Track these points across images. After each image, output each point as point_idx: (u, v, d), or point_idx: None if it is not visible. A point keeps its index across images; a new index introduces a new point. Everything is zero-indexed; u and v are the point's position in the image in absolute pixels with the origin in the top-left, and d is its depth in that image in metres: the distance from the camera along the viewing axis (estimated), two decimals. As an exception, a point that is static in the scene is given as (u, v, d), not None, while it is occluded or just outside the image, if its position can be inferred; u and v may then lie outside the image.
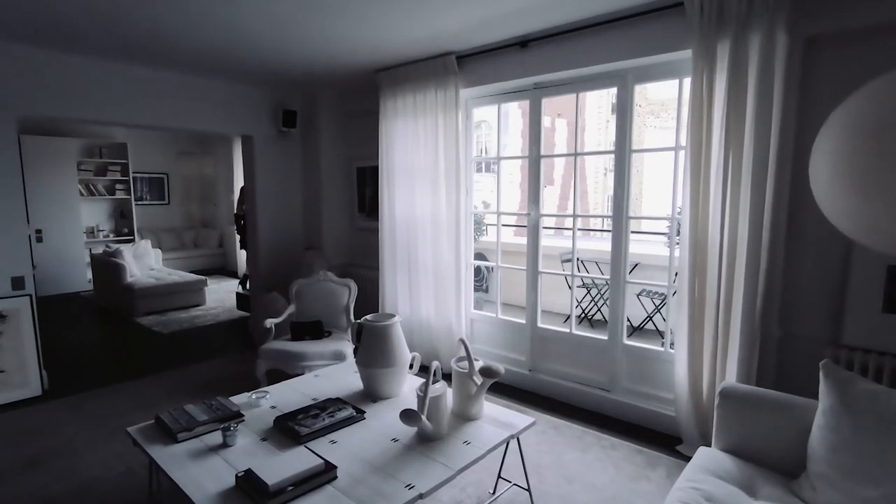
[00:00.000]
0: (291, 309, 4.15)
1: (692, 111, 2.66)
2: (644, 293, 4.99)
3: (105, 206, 8.33)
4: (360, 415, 2.35)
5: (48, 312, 6.37)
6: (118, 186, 8.22)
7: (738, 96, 2.51)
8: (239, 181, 8.42)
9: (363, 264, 5.14)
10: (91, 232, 8.08)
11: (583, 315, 5.51)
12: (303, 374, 3.63)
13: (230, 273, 9.01)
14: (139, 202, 8.70)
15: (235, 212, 7.33)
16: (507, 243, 6.52)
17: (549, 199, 27.66)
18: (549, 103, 3.55)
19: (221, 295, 7.20)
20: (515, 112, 23.32)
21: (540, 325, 3.73)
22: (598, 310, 5.34)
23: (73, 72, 3.77)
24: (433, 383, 2.16)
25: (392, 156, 4.27)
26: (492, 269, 5.07)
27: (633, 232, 3.35)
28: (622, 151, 3.18)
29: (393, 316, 2.70)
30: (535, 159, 3.59)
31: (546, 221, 3.77)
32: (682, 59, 2.85)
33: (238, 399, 2.58)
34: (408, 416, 1.95)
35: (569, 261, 5.56)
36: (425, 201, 4.08)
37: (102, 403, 3.61)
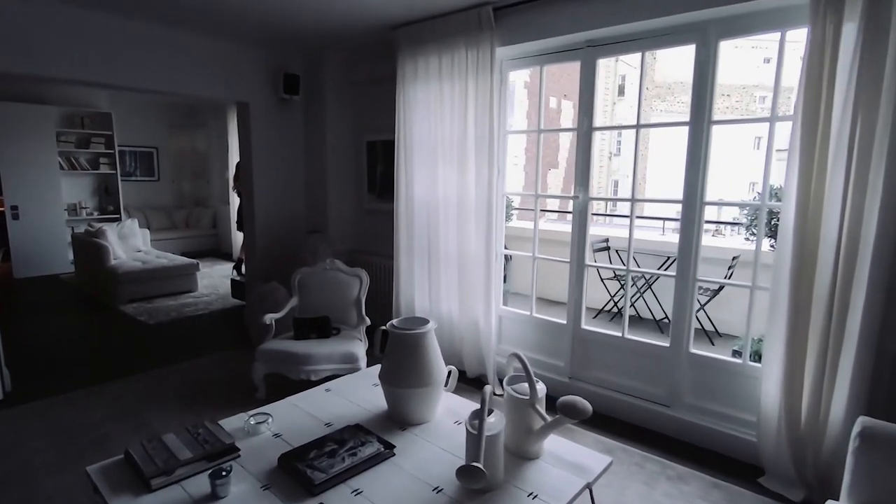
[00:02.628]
0: (294, 302, 3.61)
1: (808, 68, 2.10)
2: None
3: (88, 181, 7.71)
4: (388, 451, 1.84)
5: (22, 297, 5.81)
6: (102, 160, 7.59)
7: (875, 48, 1.96)
8: (234, 157, 7.81)
9: (372, 251, 4.59)
10: (73, 209, 7.47)
11: (615, 310, 5.00)
12: (308, 379, 3.12)
13: (224, 256, 8.44)
14: (126, 178, 8.08)
15: (236, 188, 6.74)
16: (522, 228, 5.99)
17: (553, 182, 27.12)
18: (554, 82, 3.20)
19: (214, 280, 6.64)
20: (521, 91, 22.61)
21: (584, 326, 3.21)
22: (633, 305, 4.84)
23: (37, 18, 3.16)
24: (488, 415, 1.64)
25: (411, 127, 3.70)
26: (510, 257, 4.54)
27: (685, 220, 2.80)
28: (699, 123, 2.62)
29: (425, 322, 2.16)
30: (585, 132, 3.03)
31: (550, 205, 3.23)
32: (787, 4, 2.28)
33: (232, 423, 2.06)
34: (469, 475, 1.42)
35: (602, 250, 5.05)
36: (450, 180, 3.52)
37: (74, 411, 3.08)
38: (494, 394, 3.41)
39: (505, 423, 1.73)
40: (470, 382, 3.55)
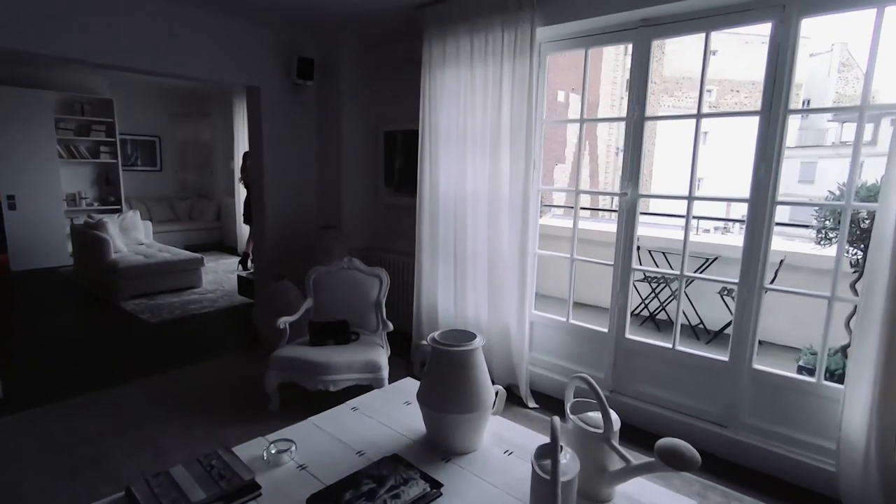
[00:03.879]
0: (308, 303, 3.34)
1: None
2: (727, 292, 4.19)
3: (88, 170, 7.42)
4: (435, 490, 1.56)
5: (18, 291, 5.53)
6: (103, 149, 7.30)
7: None
8: (240, 147, 7.52)
9: (389, 248, 4.31)
10: (72, 199, 7.18)
11: (646, 314, 4.72)
12: (326, 389, 2.85)
13: (229, 250, 8.16)
14: (127, 167, 7.79)
15: (245, 180, 6.45)
16: (548, 225, 5.71)
17: (560, 177, 26.73)
18: (563, 75, 2.72)
19: (219, 276, 6.37)
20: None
21: (629, 335, 2.93)
22: (663, 308, 4.56)
23: (29, -11, 2.86)
24: (562, 457, 1.37)
25: (437, 116, 3.40)
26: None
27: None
28: (775, 112, 2.33)
29: (471, 336, 1.88)
30: (636, 122, 2.74)
31: (556, 199, 2.94)
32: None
33: (249, 451, 1.78)
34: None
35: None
36: (481, 173, 3.23)
37: (70, 422, 2.81)
38: (527, 406, 3.15)
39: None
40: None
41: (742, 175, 2.70)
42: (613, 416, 1.58)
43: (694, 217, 3.08)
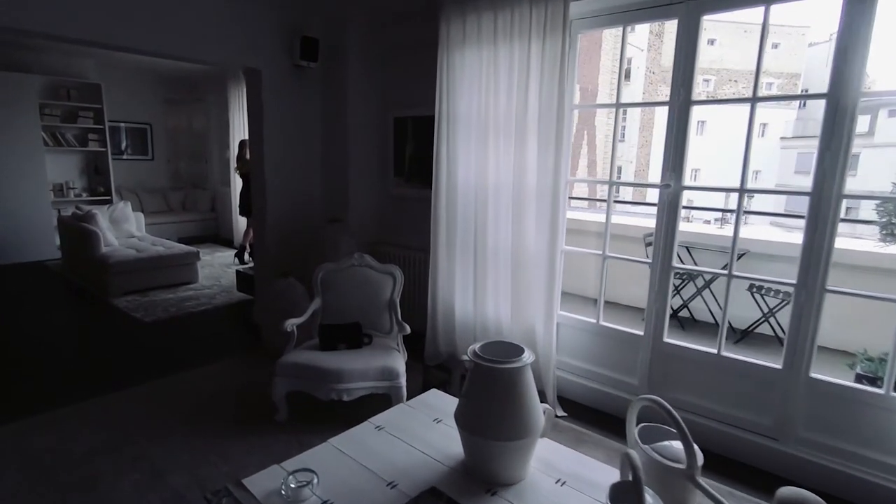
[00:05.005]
0: (316, 303, 3.09)
1: None
2: (756, 289, 3.97)
3: (76, 159, 7.08)
4: (487, 536, 1.33)
5: (1, 288, 5.23)
6: (91, 136, 6.96)
7: None
8: (236, 135, 7.21)
9: (398, 242, 4.06)
10: (59, 189, 6.85)
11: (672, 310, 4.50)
12: (339, 399, 2.61)
13: (224, 242, 7.87)
14: (117, 156, 7.45)
15: (246, 170, 6.15)
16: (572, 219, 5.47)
17: (581, 167, 26.33)
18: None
19: (216, 270, 6.09)
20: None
21: (667, 339, 2.71)
22: (686, 306, 4.35)
23: (4, -46, 2.55)
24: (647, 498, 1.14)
25: (455, 100, 3.14)
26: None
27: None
28: (842, 97, 2.09)
29: (517, 349, 1.65)
30: (682, 106, 2.49)
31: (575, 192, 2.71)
32: None
33: (263, 483, 1.54)
34: None
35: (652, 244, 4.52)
36: (505, 162, 2.98)
37: (56, 436, 2.55)
38: (556, 415, 2.92)
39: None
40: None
41: (735, 164, 2.55)
42: (696, 448, 1.35)
43: (689, 207, 2.86)
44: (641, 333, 2.78)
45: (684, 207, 2.75)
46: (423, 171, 3.79)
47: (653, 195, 2.83)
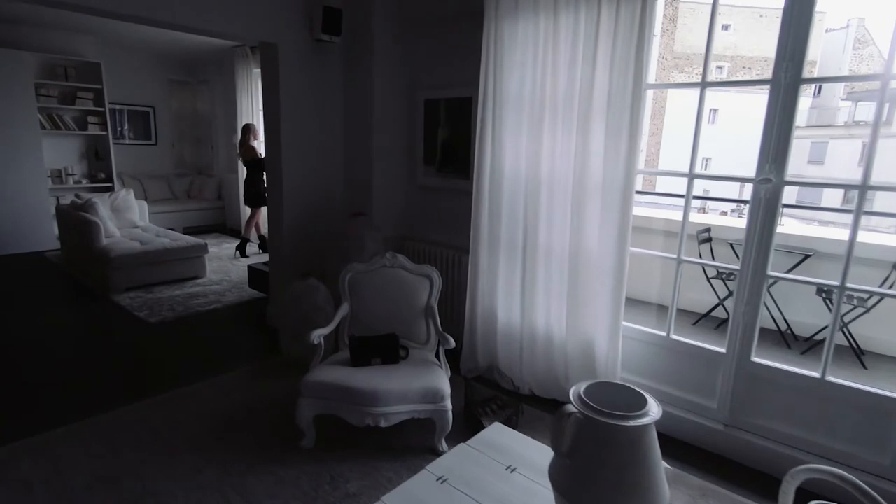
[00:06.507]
0: (344, 309, 2.72)
1: None
2: (826, 293, 3.58)
3: (75, 143, 6.68)
4: None
5: (-3, 282, 4.88)
6: (91, 119, 6.55)
7: None
8: (244, 119, 6.79)
9: (426, 238, 3.67)
10: (58, 175, 6.47)
11: (714, 315, 4.12)
12: (376, 425, 2.25)
13: (231, 232, 7.49)
14: (118, 141, 7.05)
15: (250, 157, 5.76)
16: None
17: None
18: None
19: (224, 263, 5.72)
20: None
21: (755, 359, 2.33)
22: (721, 304, 3.97)
23: None
24: None
25: (504, 78, 2.74)
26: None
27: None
28: None
29: (634, 397, 1.27)
30: (788, 85, 2.09)
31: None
32: None
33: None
34: None
35: (705, 241, 4.14)
36: (563, 150, 2.59)
37: (50, 466, 2.20)
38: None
39: None
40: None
41: (750, 153, 2.23)
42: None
43: (701, 197, 2.50)
44: (723, 351, 2.40)
45: (696, 197, 2.40)
46: (457, 160, 3.41)
47: (662, 184, 2.45)
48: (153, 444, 2.38)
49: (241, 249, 6.06)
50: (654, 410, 1.20)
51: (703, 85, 2.33)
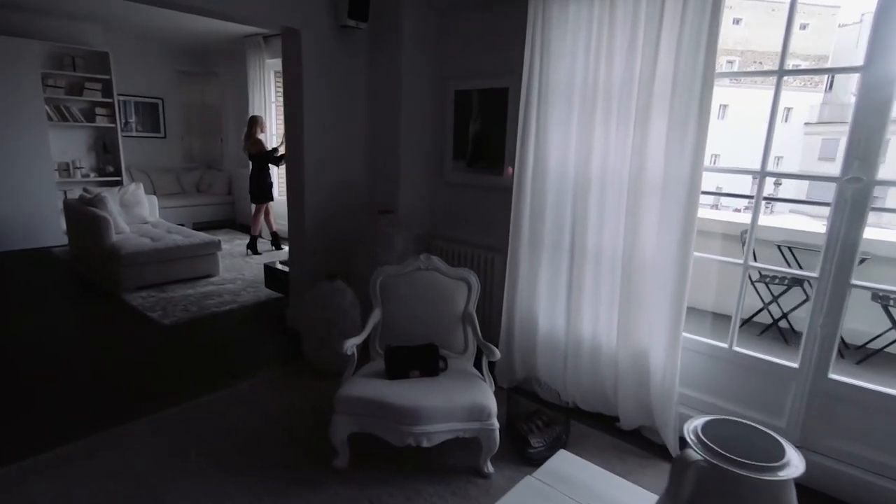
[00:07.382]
0: (376, 316, 2.53)
1: None
2: (882, 299, 3.37)
3: (83, 135, 6.48)
4: None
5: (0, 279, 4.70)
6: (99, 111, 6.36)
7: None
8: (256, 112, 6.59)
9: (454, 237, 3.47)
10: (65, 169, 6.28)
11: (773, 320, 3.90)
12: (418, 445, 2.05)
13: (242, 228, 7.30)
14: (126, 133, 6.85)
15: (256, 150, 5.56)
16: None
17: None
18: None
19: (236, 260, 5.53)
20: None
21: (833, 375, 2.12)
22: (785, 316, 3.75)
23: None
24: None
25: (550, 66, 2.52)
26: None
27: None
28: None
29: (765, 439, 1.07)
30: (882, 74, 1.87)
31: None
32: None
33: None
34: None
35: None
36: (618, 145, 2.37)
37: (59, 485, 2.01)
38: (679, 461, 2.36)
39: None
40: (623, 436, 2.50)
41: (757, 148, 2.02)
42: None
43: (711, 193, 2.32)
44: (796, 366, 2.20)
45: (705, 193, 2.21)
46: (491, 154, 3.20)
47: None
48: (172, 460, 2.19)
49: (253, 247, 5.87)
50: (794, 461, 1.00)
51: (781, 73, 2.11)
